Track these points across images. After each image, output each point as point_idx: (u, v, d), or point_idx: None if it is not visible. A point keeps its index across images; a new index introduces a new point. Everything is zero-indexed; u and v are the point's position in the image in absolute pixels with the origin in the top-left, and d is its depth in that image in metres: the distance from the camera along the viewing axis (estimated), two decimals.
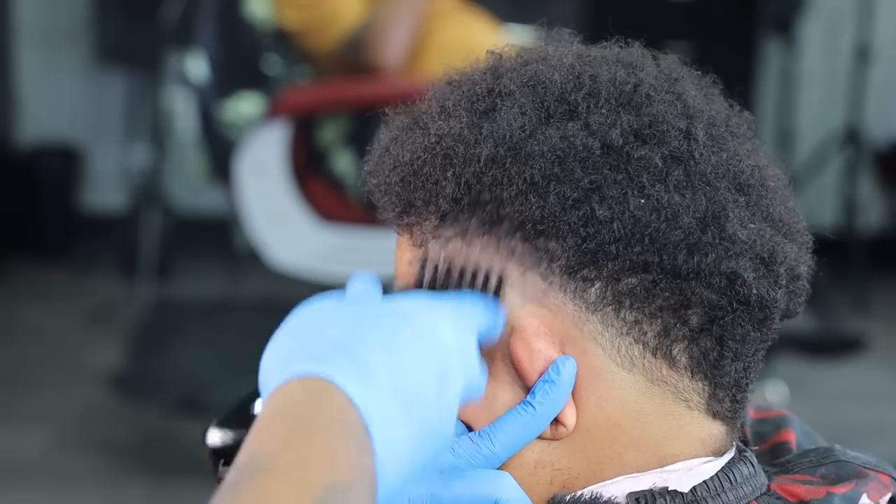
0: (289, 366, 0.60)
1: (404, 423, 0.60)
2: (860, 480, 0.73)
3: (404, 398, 0.60)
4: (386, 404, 0.59)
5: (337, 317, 0.63)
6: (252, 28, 2.72)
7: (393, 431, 0.59)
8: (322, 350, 0.60)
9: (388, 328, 0.63)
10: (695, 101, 0.73)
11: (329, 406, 0.58)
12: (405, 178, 0.72)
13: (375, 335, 0.62)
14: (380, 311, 0.64)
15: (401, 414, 0.60)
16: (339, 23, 2.58)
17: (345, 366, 0.59)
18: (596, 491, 0.70)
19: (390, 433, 0.59)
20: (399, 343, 0.62)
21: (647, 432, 0.70)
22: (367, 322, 0.63)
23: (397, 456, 0.59)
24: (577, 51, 0.76)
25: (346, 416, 0.58)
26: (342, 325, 0.62)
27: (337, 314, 0.64)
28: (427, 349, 0.63)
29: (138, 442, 2.91)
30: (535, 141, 0.69)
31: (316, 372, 0.59)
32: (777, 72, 4.14)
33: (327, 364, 0.59)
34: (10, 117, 4.26)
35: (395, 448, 0.59)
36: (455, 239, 0.71)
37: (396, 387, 0.60)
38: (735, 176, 0.71)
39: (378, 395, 0.59)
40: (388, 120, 0.77)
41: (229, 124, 2.69)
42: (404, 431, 0.60)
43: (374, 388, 0.59)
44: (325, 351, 0.60)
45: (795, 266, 0.72)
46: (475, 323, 0.67)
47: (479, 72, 0.75)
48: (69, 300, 3.84)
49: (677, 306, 0.69)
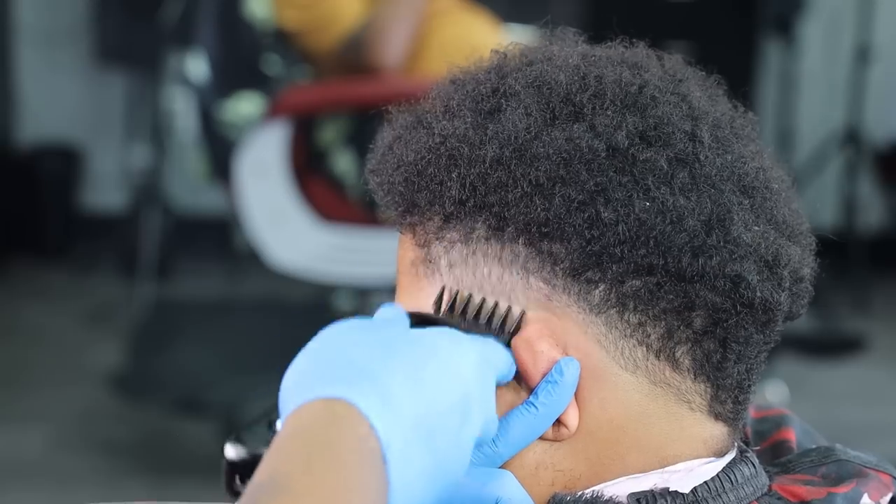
0: (313, 386, 0.59)
1: (421, 457, 0.60)
2: (861, 480, 0.73)
3: (425, 431, 0.60)
4: (406, 436, 0.59)
5: (364, 341, 0.63)
6: (252, 28, 2.72)
7: (410, 465, 0.59)
8: (348, 374, 0.60)
9: (414, 358, 0.62)
10: (700, 103, 0.73)
11: (351, 432, 0.57)
12: (409, 177, 0.72)
13: (401, 364, 0.61)
14: (407, 339, 0.64)
15: (419, 447, 0.60)
16: (339, 23, 2.58)
17: (370, 392, 0.59)
18: (598, 491, 0.69)
19: (407, 467, 0.59)
20: (424, 374, 0.62)
21: (649, 434, 0.70)
22: (394, 350, 0.62)
23: (410, 491, 0.59)
24: (582, 51, 0.75)
25: (367, 444, 0.57)
26: (369, 351, 0.62)
27: (364, 338, 0.63)
28: (451, 384, 0.63)
29: (138, 442, 2.91)
30: (540, 143, 0.69)
31: (341, 395, 0.58)
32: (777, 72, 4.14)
33: (353, 388, 0.59)
34: (10, 117, 4.26)
35: (409, 482, 0.59)
36: (458, 243, 0.71)
37: (418, 419, 0.60)
38: (740, 178, 0.71)
39: (400, 426, 0.59)
40: (391, 118, 0.76)
41: (229, 124, 2.69)
42: (420, 466, 0.60)
43: (396, 418, 0.59)
44: (350, 375, 0.60)
45: (799, 268, 0.72)
46: (496, 366, 0.67)
47: (483, 71, 0.75)
48: (69, 300, 3.84)
49: (681, 309, 0.68)
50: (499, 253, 0.70)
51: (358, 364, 0.61)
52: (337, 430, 0.57)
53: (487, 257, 0.70)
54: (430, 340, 0.64)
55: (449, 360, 0.63)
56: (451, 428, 0.62)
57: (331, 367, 0.61)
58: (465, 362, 0.64)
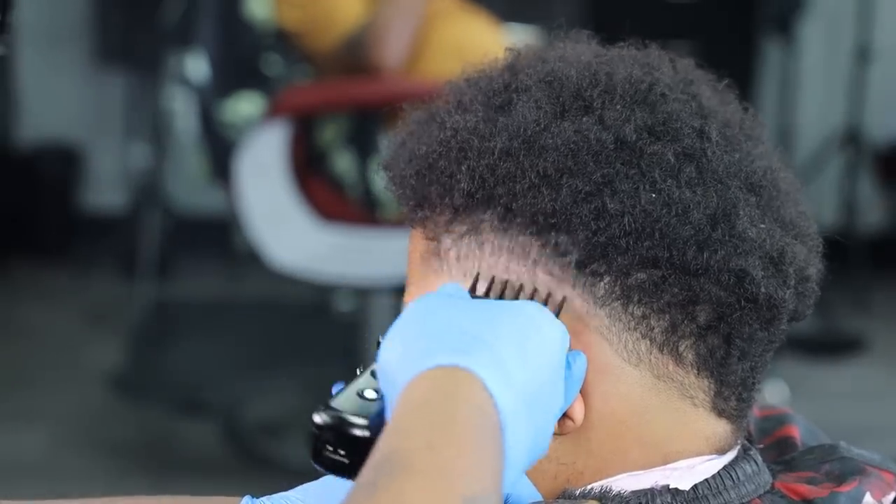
0: (427, 356, 0.59)
1: (527, 428, 0.60)
2: (863, 478, 0.73)
3: (531, 402, 0.60)
4: (519, 407, 0.59)
5: (468, 309, 0.63)
6: (252, 28, 2.72)
7: (520, 437, 0.59)
8: (464, 343, 0.60)
9: (519, 328, 0.63)
10: (709, 102, 0.74)
11: (472, 401, 0.57)
12: (420, 171, 0.73)
13: (510, 333, 0.62)
14: (508, 309, 0.64)
15: (526, 418, 0.60)
16: (339, 22, 2.58)
17: (488, 361, 0.59)
18: (606, 485, 0.70)
19: (517, 439, 0.59)
20: (530, 345, 0.62)
21: (652, 429, 0.70)
22: (501, 319, 0.63)
23: (518, 461, 0.59)
24: (594, 50, 0.76)
25: (487, 416, 0.57)
26: (477, 320, 0.62)
27: (468, 308, 0.64)
28: (550, 357, 0.63)
29: (138, 442, 2.91)
30: (549, 134, 0.69)
31: (462, 364, 0.58)
32: (777, 72, 4.14)
33: (472, 357, 0.59)
34: (10, 117, 4.26)
35: (517, 454, 0.59)
36: (467, 235, 0.71)
37: (527, 389, 0.60)
38: (747, 176, 0.71)
39: (514, 397, 0.59)
40: (404, 115, 0.77)
41: (229, 124, 2.69)
42: (524, 438, 0.60)
43: (512, 388, 0.59)
44: (467, 344, 0.60)
45: (804, 267, 0.73)
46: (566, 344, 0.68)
47: (496, 69, 0.76)
48: (69, 300, 3.84)
49: (685, 302, 0.69)
50: (507, 244, 0.70)
51: (471, 332, 0.61)
52: (458, 401, 0.57)
53: (495, 249, 0.70)
54: (529, 311, 0.65)
55: (547, 332, 0.64)
56: (546, 400, 0.62)
57: (444, 336, 0.61)
58: (556, 337, 0.65)
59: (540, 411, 0.62)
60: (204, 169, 2.87)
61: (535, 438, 0.61)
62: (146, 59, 3.88)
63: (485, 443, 0.56)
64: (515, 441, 0.59)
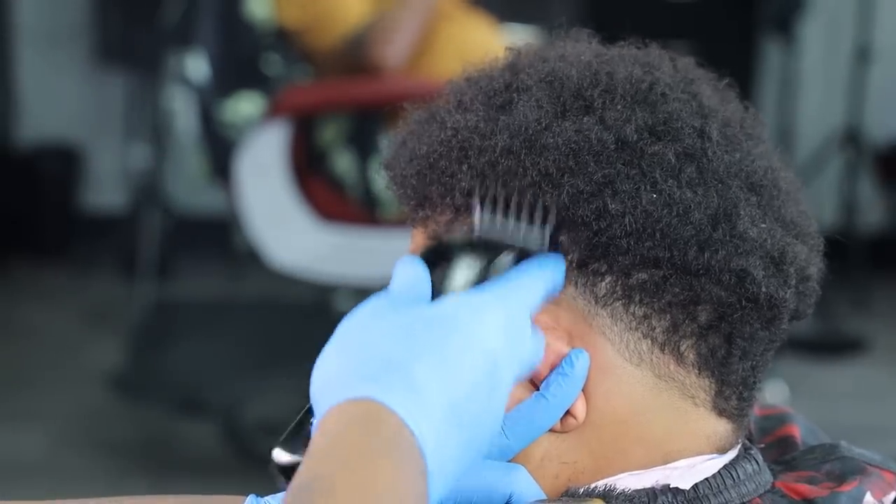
0: (341, 386, 0.59)
1: (455, 438, 0.60)
2: (864, 478, 0.73)
3: (456, 411, 0.60)
4: (438, 425, 0.59)
5: (386, 327, 0.62)
6: (252, 28, 2.72)
7: (445, 447, 0.59)
8: (374, 370, 0.60)
9: (437, 337, 0.62)
10: (710, 102, 0.74)
11: (385, 430, 0.57)
12: (421, 170, 0.73)
13: (425, 347, 0.61)
14: (428, 317, 0.63)
15: (453, 430, 0.60)
16: (340, 21, 2.58)
17: (398, 386, 0.58)
18: (610, 483, 0.70)
19: (442, 449, 0.59)
20: (449, 353, 0.61)
21: (652, 428, 0.70)
22: (417, 333, 0.62)
23: (446, 473, 0.59)
24: (594, 50, 0.77)
25: (402, 439, 0.57)
26: (392, 339, 0.61)
27: (386, 324, 0.63)
28: (476, 358, 0.62)
29: (138, 442, 2.91)
30: (550, 133, 0.69)
31: (370, 395, 0.58)
32: (777, 72, 4.14)
33: (380, 385, 0.58)
34: (10, 117, 4.26)
35: (445, 466, 0.59)
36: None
37: (449, 401, 0.60)
38: (748, 176, 0.71)
39: (431, 416, 0.58)
40: (405, 114, 0.77)
41: (229, 124, 2.69)
42: (454, 444, 0.60)
43: (427, 409, 0.58)
44: (376, 371, 0.59)
45: (805, 267, 0.73)
46: (527, 299, 0.66)
47: (497, 68, 0.76)
48: (69, 300, 3.84)
49: (687, 302, 0.69)
50: None
51: (383, 357, 0.60)
52: (371, 430, 0.57)
53: None
54: (451, 314, 0.63)
55: (471, 332, 0.62)
56: (482, 395, 0.61)
57: (357, 363, 0.61)
58: (489, 328, 0.63)
59: (472, 413, 0.61)
60: (204, 169, 2.87)
61: (471, 435, 0.61)
62: (146, 59, 3.88)
63: (402, 463, 0.56)
64: (440, 456, 0.58)
